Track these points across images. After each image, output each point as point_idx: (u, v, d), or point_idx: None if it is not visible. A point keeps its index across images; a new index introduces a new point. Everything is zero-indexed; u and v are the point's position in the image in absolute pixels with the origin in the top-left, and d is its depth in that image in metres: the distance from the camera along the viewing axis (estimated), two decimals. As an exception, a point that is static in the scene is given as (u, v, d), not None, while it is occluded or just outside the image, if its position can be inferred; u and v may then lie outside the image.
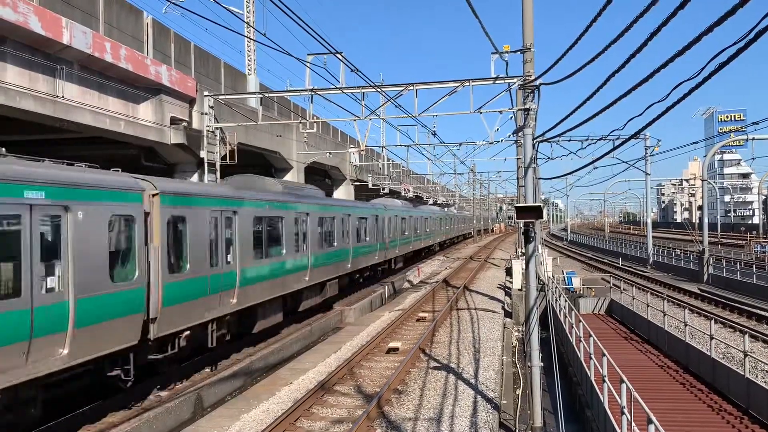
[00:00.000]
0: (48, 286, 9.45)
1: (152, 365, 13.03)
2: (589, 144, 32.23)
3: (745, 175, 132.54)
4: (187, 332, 13.27)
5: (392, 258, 34.77)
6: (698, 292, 29.31)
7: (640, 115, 7.41)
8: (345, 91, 20.86)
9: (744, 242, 64.39)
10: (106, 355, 10.72)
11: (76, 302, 9.80)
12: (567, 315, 17.63)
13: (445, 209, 78.65)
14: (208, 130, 22.38)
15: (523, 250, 15.96)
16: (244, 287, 15.60)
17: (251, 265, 16.20)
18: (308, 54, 20.67)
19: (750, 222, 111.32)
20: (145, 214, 11.80)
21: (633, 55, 6.14)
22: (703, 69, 5.17)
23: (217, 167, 23.13)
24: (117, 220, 11.13)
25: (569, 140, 34.68)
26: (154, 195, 12.12)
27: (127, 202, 11.27)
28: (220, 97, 23.12)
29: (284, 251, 18.82)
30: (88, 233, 10.23)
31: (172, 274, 12.55)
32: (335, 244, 24.42)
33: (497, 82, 19.18)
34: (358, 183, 44.66)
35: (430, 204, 76.54)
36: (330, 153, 35.90)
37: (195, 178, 23.05)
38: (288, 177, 31.78)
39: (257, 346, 17.71)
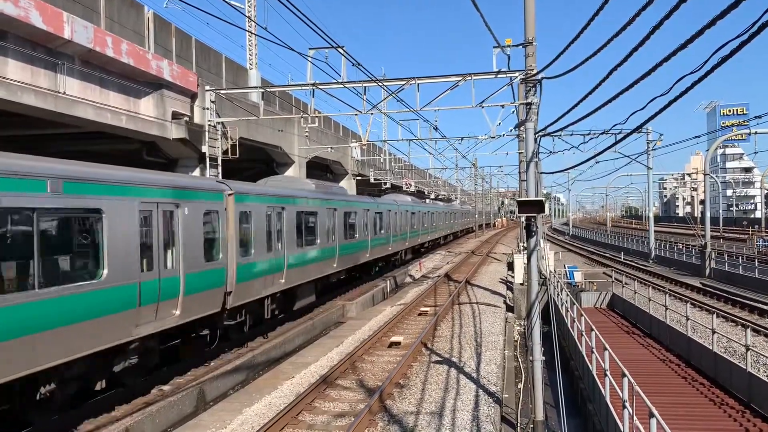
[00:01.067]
0: (168, 265, 12.70)
1: (226, 330, 16.00)
2: (591, 138, 32.08)
3: (748, 170, 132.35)
4: (251, 305, 16.76)
5: (403, 249, 37.51)
6: (700, 286, 29.30)
7: (643, 109, 7.39)
8: (346, 85, 20.81)
9: (746, 236, 64.34)
10: (199, 319, 14.02)
11: (184, 276, 13.11)
12: (569, 309, 17.65)
13: (444, 204, 78.07)
14: (209, 125, 22.36)
15: (525, 245, 15.95)
16: (289, 270, 18.96)
17: (294, 252, 19.49)
18: (309, 48, 20.62)
19: (752, 216, 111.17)
20: (224, 210, 15.03)
21: (635, 49, 6.12)
22: (705, 62, 5.15)
23: (219, 162, 23.13)
24: (208, 214, 14.40)
25: (571, 134, 34.60)
26: (229, 194, 15.27)
27: (214, 200, 14.53)
28: (222, 91, 23.08)
29: (318, 241, 22.13)
30: (190, 224, 13.50)
31: (243, 257, 15.80)
32: (357, 236, 27.61)
33: (499, 76, 19.12)
34: (359, 178, 44.63)
35: (432, 198, 76.50)
36: (331, 148, 35.86)
37: (197, 172, 23.05)
38: (289, 172, 31.76)
39: (256, 340, 17.76)
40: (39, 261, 9.14)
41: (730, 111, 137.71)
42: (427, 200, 66.16)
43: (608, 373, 10.58)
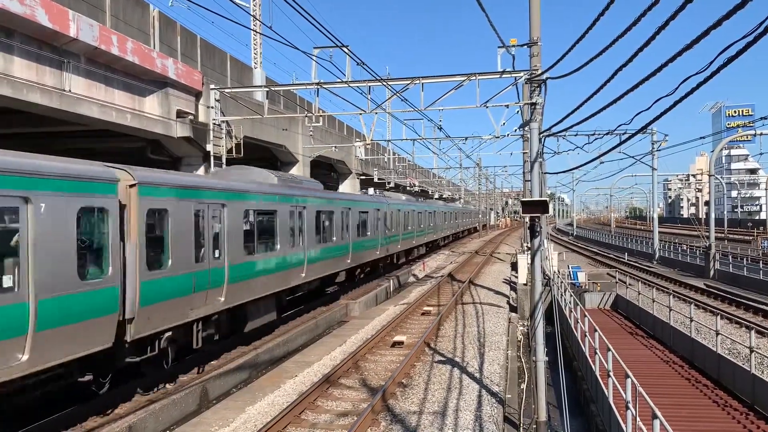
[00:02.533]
0: (215, 256, 14.22)
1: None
2: (596, 138, 32.17)
3: (753, 171, 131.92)
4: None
5: (395, 252, 36.53)
6: (704, 287, 29.22)
7: (648, 109, 7.37)
8: (351, 84, 20.83)
9: (751, 238, 64.13)
10: (241, 304, 15.75)
11: (228, 267, 14.64)
12: (572, 310, 17.62)
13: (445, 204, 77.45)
14: (214, 124, 22.41)
15: (529, 245, 15.94)
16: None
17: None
18: (314, 47, 20.66)
19: (757, 218, 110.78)
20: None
21: (640, 49, 6.11)
22: (711, 63, 5.13)
23: (223, 160, 23.17)
24: (246, 212, 16.13)
25: (576, 135, 34.62)
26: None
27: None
28: (226, 90, 23.12)
29: (334, 239, 23.29)
30: (234, 222, 15.19)
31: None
32: (369, 234, 28.62)
33: (504, 76, 19.12)
34: (363, 177, 44.64)
35: (436, 198, 76.44)
36: (336, 147, 35.89)
37: (201, 171, 23.10)
38: (293, 170, 31.80)
39: (262, 339, 17.77)
40: None
41: (735, 112, 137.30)
42: (420, 198, 65.51)
43: (611, 373, 10.57)
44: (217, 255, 14.35)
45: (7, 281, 8.63)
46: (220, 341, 15.54)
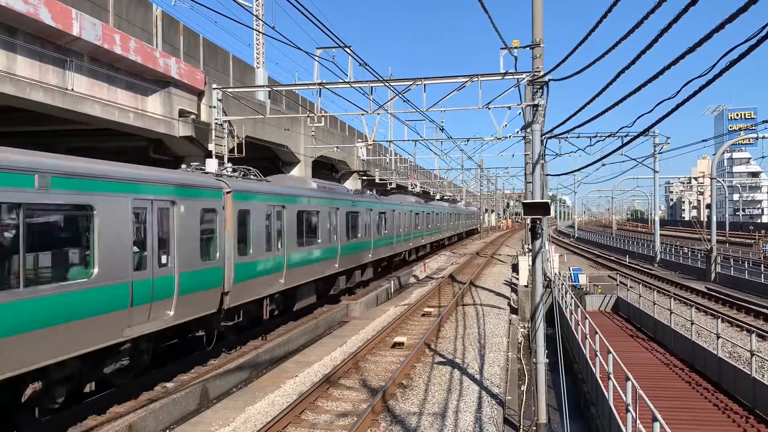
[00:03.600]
0: (278, 247, 17.87)
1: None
2: (598, 141, 32.13)
3: (755, 174, 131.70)
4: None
5: (407, 250, 39.89)
6: (705, 290, 29.20)
7: (650, 112, 7.36)
8: (353, 85, 20.82)
9: (752, 241, 64.06)
10: (293, 287, 19.18)
11: (287, 256, 18.39)
12: (573, 312, 17.61)
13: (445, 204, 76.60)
14: (216, 123, 22.41)
15: (530, 247, 15.93)
16: (342, 257, 23.85)
17: (345, 243, 24.17)
18: (317, 48, 20.64)
19: (759, 221, 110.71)
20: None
21: (643, 52, 6.11)
22: (713, 66, 5.13)
23: (225, 160, 23.17)
24: (299, 213, 19.59)
25: (578, 137, 34.57)
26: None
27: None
28: (229, 90, 23.13)
29: (359, 235, 26.37)
30: (290, 220, 18.69)
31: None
32: (386, 231, 31.79)
33: (506, 77, 19.11)
34: (365, 177, 44.64)
35: (437, 199, 76.41)
36: (337, 147, 35.88)
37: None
38: (295, 171, 31.81)
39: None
40: None
41: (737, 115, 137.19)
42: (437, 202, 64.90)
43: (612, 376, 10.56)
44: (279, 246, 18.07)
45: (164, 260, 12.34)
46: (278, 316, 19.41)
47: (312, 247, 20.75)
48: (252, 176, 18.47)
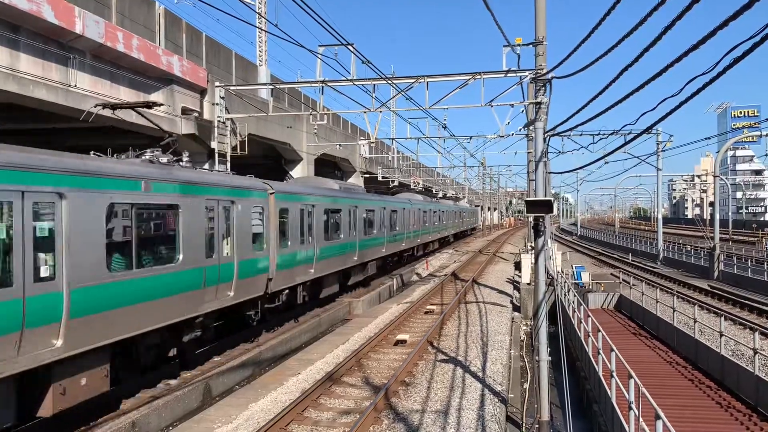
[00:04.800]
0: (308, 241, 20.08)
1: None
2: (601, 138, 32.04)
3: (758, 172, 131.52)
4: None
5: (414, 246, 42.06)
6: (708, 288, 29.15)
7: (653, 109, 7.34)
8: (356, 82, 20.82)
9: (755, 239, 63.94)
10: (320, 277, 21.34)
11: (316, 249, 20.71)
12: (576, 310, 17.60)
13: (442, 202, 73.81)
14: (218, 121, 22.43)
15: (533, 245, 15.93)
16: (360, 251, 26.23)
17: (363, 238, 26.76)
18: (319, 45, 20.65)
19: (762, 219, 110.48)
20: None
21: (646, 50, 6.09)
22: (717, 63, 5.12)
23: (228, 158, 23.20)
24: (326, 211, 21.87)
25: (580, 134, 34.59)
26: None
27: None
28: (231, 87, 23.15)
29: (375, 231, 28.46)
30: (319, 217, 21.00)
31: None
32: (397, 228, 34.23)
33: (509, 75, 19.10)
34: (367, 175, 44.66)
35: (440, 197, 76.41)
36: (340, 145, 35.90)
37: (205, 167, 23.15)
38: (298, 168, 31.83)
39: (264, 335, 17.80)
40: None
41: (741, 113, 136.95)
42: (442, 201, 63.46)
43: (614, 374, 10.55)
44: (309, 240, 20.24)
45: (226, 250, 14.64)
46: (308, 302, 21.34)
47: (336, 241, 23.13)
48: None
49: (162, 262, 12.09)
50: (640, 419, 8.48)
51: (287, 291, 18.75)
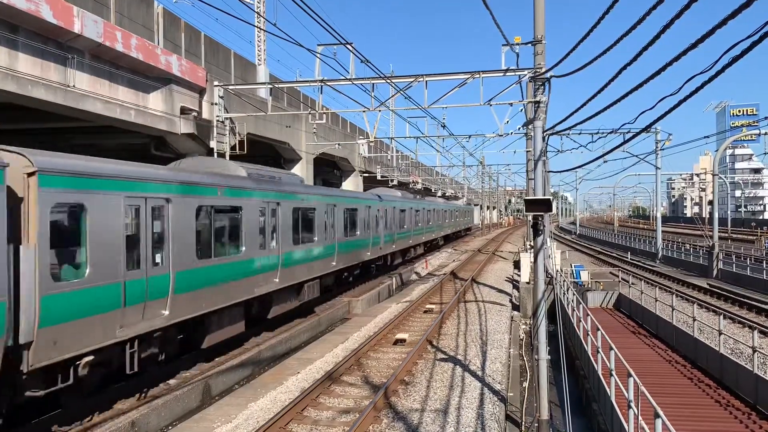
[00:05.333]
0: (332, 236, 22.79)
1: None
2: (600, 137, 32.09)
3: (757, 170, 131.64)
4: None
5: (434, 239, 46.18)
6: (707, 287, 29.17)
7: (652, 108, 7.35)
8: (355, 82, 20.81)
9: (754, 238, 63.98)
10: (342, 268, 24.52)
11: (337, 244, 23.42)
12: (575, 308, 17.61)
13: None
14: (217, 120, 22.42)
15: (532, 243, 15.93)
16: (373, 247, 28.89)
17: (378, 236, 29.64)
18: (318, 45, 20.64)
19: (761, 217, 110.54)
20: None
21: (645, 48, 6.09)
22: (716, 62, 5.12)
23: (227, 157, 23.18)
24: (346, 210, 24.85)
25: (579, 133, 34.62)
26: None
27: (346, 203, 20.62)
28: (230, 87, 23.13)
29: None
30: (340, 216, 23.84)
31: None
32: (406, 226, 36.70)
33: (508, 74, 19.09)
34: (366, 174, 44.66)
35: (439, 196, 76.41)
36: (339, 144, 35.88)
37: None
38: (296, 168, 31.81)
39: (263, 335, 17.80)
40: None
41: (740, 111, 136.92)
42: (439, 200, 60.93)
43: (614, 372, 10.56)
44: (332, 235, 22.71)
45: (272, 244, 17.13)
46: (332, 290, 24.51)
47: (353, 238, 25.69)
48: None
49: (231, 253, 14.98)
50: (640, 418, 8.49)
51: (337, 272, 24.18)
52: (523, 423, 11.23)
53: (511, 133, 25.93)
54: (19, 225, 8.99)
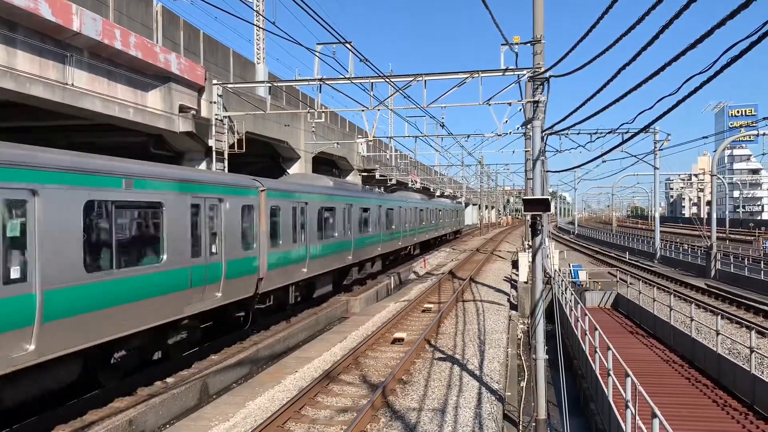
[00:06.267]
0: (351, 233, 25.72)
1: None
2: (598, 137, 32.12)
3: (755, 171, 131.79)
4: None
5: (440, 236, 48.74)
6: (705, 287, 29.20)
7: (650, 108, 7.35)
8: (354, 81, 20.80)
9: (752, 238, 64.05)
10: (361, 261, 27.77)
11: (354, 240, 25.94)
12: (573, 308, 17.63)
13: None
14: (216, 119, 22.40)
15: (530, 243, 15.94)
16: (384, 243, 31.73)
17: (385, 234, 31.92)
18: (317, 43, 20.63)
19: (759, 218, 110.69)
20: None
21: (644, 48, 6.09)
22: (714, 63, 5.12)
23: (225, 156, 23.17)
24: (362, 209, 27.84)
25: (578, 133, 34.60)
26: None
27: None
28: (229, 85, 23.11)
29: (393, 227, 33.49)
30: (357, 214, 26.59)
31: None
32: (434, 222, 41.80)
33: (506, 73, 19.09)
34: (365, 174, 44.66)
35: (438, 195, 76.44)
36: (338, 143, 35.87)
37: (203, 166, 23.10)
38: (295, 167, 31.80)
39: (260, 333, 17.79)
40: None
41: (738, 112, 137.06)
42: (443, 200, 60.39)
43: (611, 372, 10.57)
44: (350, 232, 25.39)
45: (299, 239, 19.71)
46: (354, 282, 27.33)
47: (367, 234, 28.28)
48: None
49: (286, 244, 18.69)
50: (637, 417, 8.50)
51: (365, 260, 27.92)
52: (521, 422, 11.24)
53: (510, 132, 25.95)
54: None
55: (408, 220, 38.49)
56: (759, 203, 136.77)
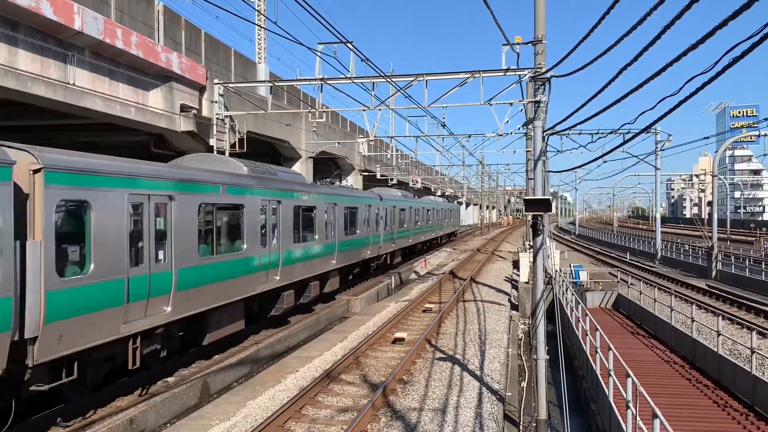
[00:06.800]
0: (370, 231, 28.26)
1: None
2: (600, 137, 32.10)
3: (756, 172, 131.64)
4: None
5: (441, 235, 49.29)
6: (706, 288, 29.19)
7: (652, 109, 7.35)
8: (355, 80, 20.80)
9: (754, 239, 64.00)
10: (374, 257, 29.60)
11: (373, 237, 28.51)
12: (573, 308, 17.62)
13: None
14: (217, 118, 22.40)
15: (531, 243, 15.93)
16: (388, 241, 32.17)
17: (397, 232, 33.78)
18: (318, 43, 20.62)
19: (760, 219, 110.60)
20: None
21: (645, 49, 6.09)
22: (716, 63, 5.11)
23: (226, 155, 23.16)
24: (375, 209, 29.60)
25: (579, 133, 34.63)
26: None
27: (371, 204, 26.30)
28: (230, 85, 23.11)
29: (405, 226, 36.18)
30: (371, 214, 28.42)
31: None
32: (420, 224, 40.95)
33: (508, 73, 19.08)
34: (366, 173, 44.65)
35: (438, 195, 76.41)
36: (339, 143, 35.86)
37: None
38: (296, 166, 31.79)
39: (261, 333, 17.80)
40: None
41: (740, 112, 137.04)
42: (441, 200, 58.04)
43: (612, 373, 10.57)
44: (369, 230, 27.82)
45: (329, 235, 21.76)
46: (360, 278, 28.66)
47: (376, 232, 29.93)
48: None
49: (309, 239, 19.97)
50: (638, 418, 8.50)
51: (353, 268, 27.53)
52: (522, 422, 11.24)
53: (511, 132, 25.93)
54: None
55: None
56: (760, 204, 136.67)
